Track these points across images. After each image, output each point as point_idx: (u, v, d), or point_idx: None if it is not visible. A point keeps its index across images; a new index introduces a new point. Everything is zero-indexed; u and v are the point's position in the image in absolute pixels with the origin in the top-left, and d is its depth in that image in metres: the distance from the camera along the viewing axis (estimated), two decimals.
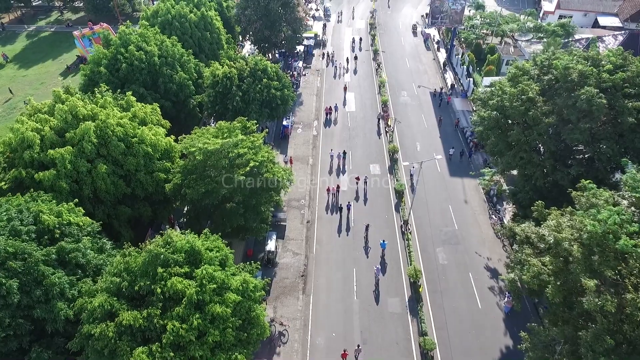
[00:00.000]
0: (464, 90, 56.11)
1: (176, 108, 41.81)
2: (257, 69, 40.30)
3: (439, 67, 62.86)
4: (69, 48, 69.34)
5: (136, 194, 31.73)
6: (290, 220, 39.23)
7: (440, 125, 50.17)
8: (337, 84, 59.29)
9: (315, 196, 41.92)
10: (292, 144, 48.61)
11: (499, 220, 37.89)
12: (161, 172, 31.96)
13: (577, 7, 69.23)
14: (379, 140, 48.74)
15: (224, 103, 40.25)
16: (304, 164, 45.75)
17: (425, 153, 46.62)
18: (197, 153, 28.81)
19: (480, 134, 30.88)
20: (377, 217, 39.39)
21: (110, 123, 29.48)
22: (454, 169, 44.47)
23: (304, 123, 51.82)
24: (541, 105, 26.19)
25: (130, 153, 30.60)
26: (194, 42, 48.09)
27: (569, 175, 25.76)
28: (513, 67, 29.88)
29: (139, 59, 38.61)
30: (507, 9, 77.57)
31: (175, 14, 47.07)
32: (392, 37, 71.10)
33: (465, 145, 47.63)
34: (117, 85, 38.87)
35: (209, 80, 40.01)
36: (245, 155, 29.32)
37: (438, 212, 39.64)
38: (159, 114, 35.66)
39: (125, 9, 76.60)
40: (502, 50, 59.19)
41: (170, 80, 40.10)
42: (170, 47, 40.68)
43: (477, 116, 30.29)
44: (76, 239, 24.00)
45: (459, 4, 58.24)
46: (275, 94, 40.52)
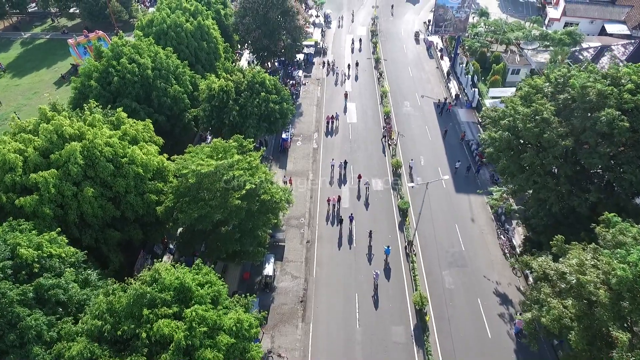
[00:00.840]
0: (469, 100, 54.45)
1: (171, 122, 40.18)
2: (255, 81, 38.66)
3: (443, 76, 61.23)
4: (64, 56, 67.75)
5: (126, 217, 30.04)
6: (289, 240, 37.51)
7: (445, 138, 48.44)
8: (338, 93, 57.64)
9: (316, 214, 40.20)
10: (292, 158, 46.93)
11: (507, 242, 36.12)
12: (153, 193, 30.27)
13: (584, 15, 67.59)
14: (382, 154, 47.02)
15: (220, 117, 38.60)
16: (304, 178, 44.05)
17: (429, 168, 44.95)
18: (190, 175, 27.12)
19: (490, 155, 29.16)
20: (379, 235, 37.64)
21: (98, 143, 27.80)
22: (459, 184, 42.74)
23: (303, 135, 50.15)
24: (556, 126, 24.51)
25: (119, 174, 28.91)
26: (190, 52, 46.48)
27: (587, 202, 24.07)
28: (526, 85, 28.17)
29: (131, 72, 36.97)
30: (512, 15, 75.99)
31: (170, 23, 45.48)
32: (394, 45, 69.48)
33: (471, 159, 45.93)
34: (108, 100, 37.28)
35: (205, 94, 38.36)
36: (241, 177, 27.62)
37: (444, 232, 37.90)
38: (151, 131, 33.99)
39: (122, 16, 75.06)
40: (507, 59, 57.56)
41: (164, 94, 38.47)
42: (164, 59, 39.06)
43: (487, 136, 28.56)
44: (58, 273, 22.28)
45: (463, 12, 56.65)
46: (274, 107, 38.88)
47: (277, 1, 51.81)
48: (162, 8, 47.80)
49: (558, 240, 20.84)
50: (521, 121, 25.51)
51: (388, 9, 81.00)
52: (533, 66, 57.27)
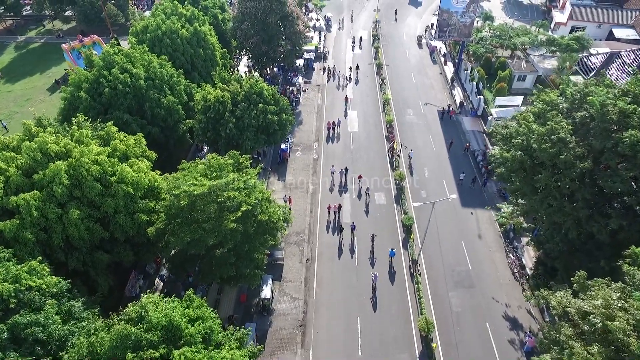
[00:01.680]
0: (474, 108, 52.78)
1: (165, 134, 38.54)
2: (253, 92, 37.01)
3: (447, 83, 59.58)
4: (59, 61, 66.05)
5: (116, 238, 28.42)
6: (288, 259, 35.88)
7: (450, 149, 46.74)
8: (339, 100, 55.96)
9: (316, 230, 38.56)
10: (291, 169, 45.29)
11: (517, 261, 34.45)
12: (144, 213, 28.62)
13: (591, 19, 65.95)
14: (384, 165, 45.36)
15: (216, 129, 36.97)
16: (304, 191, 42.42)
17: (434, 180, 43.30)
18: (182, 197, 25.48)
19: (501, 175, 27.46)
20: (382, 252, 36.00)
21: (85, 162, 26.18)
22: (465, 198, 41.06)
23: (303, 145, 48.50)
24: (574, 146, 22.88)
25: (108, 194, 27.31)
26: (186, 60, 44.83)
27: (607, 228, 22.45)
28: (539, 101, 26.47)
29: (123, 82, 35.34)
30: (516, 19, 74.31)
31: (165, 29, 43.84)
32: (397, 50, 67.82)
33: (477, 171, 44.27)
34: (99, 111, 35.66)
35: (200, 105, 36.73)
36: (237, 198, 25.98)
37: (450, 249, 36.26)
38: (143, 145, 32.37)
39: (118, 20, 73.43)
40: (513, 65, 55.88)
41: (158, 105, 36.84)
42: (158, 68, 37.41)
43: (498, 155, 26.85)
44: (37, 307, 20.67)
45: (468, 17, 54.99)
46: (272, 119, 37.25)
47: (276, 6, 50.17)
48: (157, 14, 46.22)
49: (580, 277, 19.19)
50: (536, 141, 23.84)
51: (389, 12, 79.33)
52: (540, 73, 55.62)
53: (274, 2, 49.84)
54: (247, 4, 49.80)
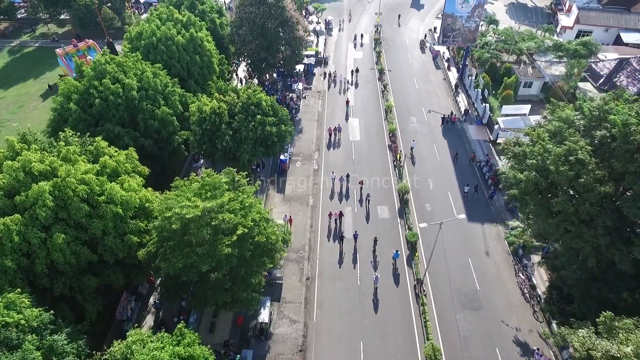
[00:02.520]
0: (479, 116, 51.19)
1: (159, 146, 36.97)
2: (250, 103, 35.42)
3: (450, 89, 57.99)
4: (53, 66, 64.40)
5: (105, 260, 26.88)
6: (288, 277, 34.31)
7: (456, 161, 45.10)
8: (341, 107, 54.41)
9: (316, 246, 36.99)
10: (290, 180, 43.70)
11: (527, 280, 32.85)
12: (134, 234, 27.08)
13: (598, 22, 64.34)
14: (388, 177, 43.75)
15: (212, 142, 35.41)
16: (304, 205, 40.84)
17: (439, 192, 41.72)
18: (173, 220, 23.92)
19: (513, 196, 25.82)
20: (386, 272, 34.46)
21: (71, 182, 24.61)
22: (471, 212, 39.46)
23: (303, 155, 46.92)
24: (593, 168, 21.33)
25: (96, 215, 25.76)
26: (182, 67, 43.29)
27: (629, 256, 20.91)
28: (556, 119, 24.80)
29: (114, 93, 33.77)
30: (521, 23, 72.71)
31: (160, 36, 42.26)
32: (399, 54, 66.22)
33: (483, 182, 42.69)
34: (89, 123, 34.11)
35: (195, 117, 35.16)
36: (232, 220, 24.41)
37: (456, 268, 34.68)
38: (135, 160, 30.86)
39: (115, 23, 71.91)
40: (519, 71, 54.27)
41: (151, 116, 35.27)
42: (152, 78, 35.83)
43: (511, 176, 25.15)
44: (15, 345, 19.11)
45: (472, 22, 53.41)
46: (271, 130, 35.68)
47: (275, 11, 48.61)
48: (151, 19, 44.61)
49: (607, 317, 17.64)
50: (552, 162, 22.25)
51: (391, 15, 77.72)
52: (547, 79, 54.02)
53: (273, 7, 48.29)
54: (246, 9, 48.24)
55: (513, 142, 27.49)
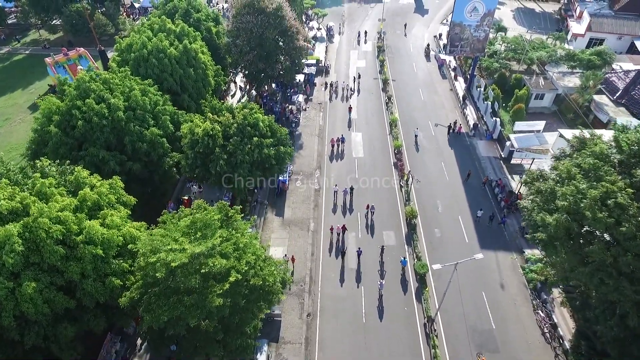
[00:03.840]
0: (489, 131, 48.54)
1: (149, 168, 34.38)
2: (247, 123, 32.78)
3: (458, 100, 55.32)
4: (43, 75, 61.74)
5: (84, 305, 24.27)
6: (286, 313, 31.70)
7: (467, 180, 42.44)
8: (343, 119, 51.84)
9: (318, 277, 34.37)
10: (290, 202, 41.07)
11: (547, 318, 30.21)
12: (117, 275, 24.46)
13: (611, 30, 61.65)
14: (394, 198, 41.11)
15: (205, 165, 32.78)
16: (304, 229, 38.20)
17: (448, 215, 39.10)
18: (158, 266, 21.30)
19: (541, 241, 23.11)
20: (391, 308, 31.85)
21: (44, 222, 21.98)
22: (484, 238, 36.87)
23: (304, 173, 44.27)
24: (636, 213, 18.77)
25: (73, 257, 23.17)
26: (174, 81, 40.66)
27: None
28: (589, 156, 22.06)
29: (99, 114, 31.15)
30: (531, 31, 70.15)
31: (152, 48, 39.61)
32: (403, 63, 63.55)
33: (496, 204, 40.06)
34: (72, 147, 31.52)
35: (187, 139, 32.53)
36: (224, 265, 21.79)
37: (469, 303, 32.05)
38: (119, 189, 28.24)
39: (108, 30, 69.20)
40: (531, 82, 51.62)
41: (140, 138, 32.64)
42: (140, 97, 33.19)
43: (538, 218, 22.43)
44: None
45: (482, 31, 50.75)
46: (269, 152, 33.03)
47: (274, 20, 45.97)
48: (142, 30, 41.96)
49: None
50: (588, 207, 19.63)
51: (394, 20, 75.07)
52: (560, 91, 51.39)
53: (271, 16, 45.66)
54: (243, 18, 45.60)
55: (537, 175, 24.86)
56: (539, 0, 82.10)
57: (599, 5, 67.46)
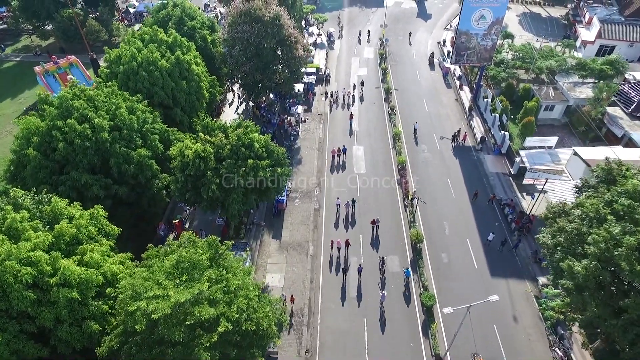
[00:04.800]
0: (497, 145, 46.28)
1: (136, 191, 32.17)
2: (241, 144, 30.51)
3: (464, 112, 53.07)
4: (33, 83, 59.49)
5: (59, 353, 22.05)
6: (283, 350, 29.43)
7: (475, 200, 40.17)
8: (344, 131, 49.62)
9: (317, 307, 32.11)
10: (288, 223, 38.82)
11: (565, 357, 27.94)
12: (95, 319, 22.23)
13: (622, 37, 59.36)
14: (398, 219, 38.86)
15: (196, 189, 30.54)
16: (302, 254, 35.95)
17: (455, 238, 36.86)
18: (138, 316, 19.08)
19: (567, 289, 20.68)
20: (397, 344, 29.60)
21: (11, 266, 19.77)
22: (494, 264, 34.62)
23: (302, 191, 42.02)
24: None
25: (46, 301, 20.95)
26: (166, 94, 38.50)
27: None
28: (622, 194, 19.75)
29: (82, 135, 28.90)
30: (537, 35, 67.93)
31: (141, 60, 37.42)
32: (406, 71, 61.31)
33: (506, 225, 37.79)
34: (52, 170, 29.28)
35: (177, 162, 30.29)
36: (213, 314, 19.55)
37: (480, 337, 29.77)
38: (102, 219, 26.02)
39: (101, 36, 66.93)
40: (541, 94, 49.35)
41: (126, 160, 30.40)
42: (127, 115, 30.95)
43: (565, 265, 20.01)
44: None
45: (489, 40, 48.50)
46: (265, 175, 30.78)
47: (272, 30, 43.70)
48: (132, 41, 39.73)
49: None
50: (624, 258, 17.37)
51: (397, 26, 72.85)
52: (570, 102, 49.15)
53: (269, 25, 43.40)
54: (239, 27, 43.34)
55: (559, 210, 22.57)
56: (545, 5, 79.86)
57: (609, 11, 65.31)
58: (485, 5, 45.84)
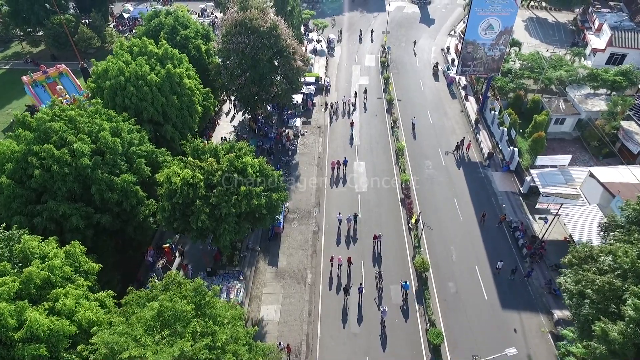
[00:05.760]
0: (506, 161, 43.95)
1: (121, 218, 29.93)
2: (233, 169, 28.24)
3: (470, 124, 50.76)
4: (22, 93, 57.30)
5: None
6: None
7: (483, 222, 37.89)
8: (344, 145, 47.35)
9: (316, 343, 29.83)
10: (285, 247, 36.54)
11: None
12: None
13: (634, 45, 56.86)
14: (401, 244, 36.57)
15: (185, 217, 28.27)
16: (300, 283, 33.66)
17: (463, 266, 34.55)
18: None
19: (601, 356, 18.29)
20: None
21: None
22: (505, 294, 32.33)
23: (300, 211, 39.72)
24: None
25: (9, 358, 18.68)
26: (156, 110, 36.29)
27: None
28: None
29: (60, 161, 26.65)
30: (544, 42, 65.65)
31: (129, 75, 35.18)
32: (409, 80, 59.00)
33: (517, 252, 35.49)
34: (28, 199, 27.04)
35: (164, 189, 28.01)
36: None
37: None
38: (80, 256, 23.75)
39: (94, 43, 64.63)
40: (551, 107, 47.03)
41: (109, 187, 28.15)
42: (110, 138, 28.66)
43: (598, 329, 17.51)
44: None
45: (497, 50, 46.19)
46: (260, 202, 28.50)
47: (269, 41, 41.42)
48: (119, 54, 37.48)
49: None
50: None
51: (399, 32, 70.51)
52: (582, 116, 46.81)
53: (265, 36, 41.11)
54: (233, 38, 41.02)
55: (585, 256, 20.19)
56: (552, 10, 77.43)
57: (619, 17, 62.95)
58: (494, 15, 43.53)
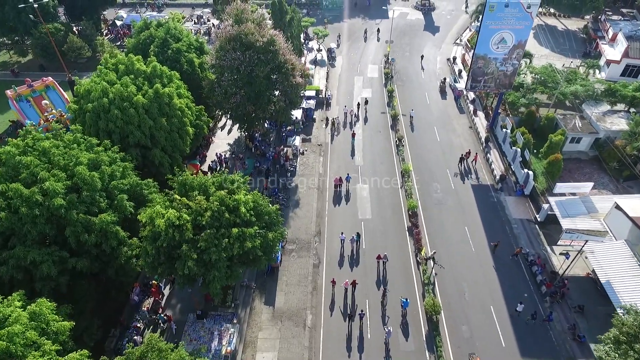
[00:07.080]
0: (520, 185, 41.02)
1: (101, 260, 27.04)
2: (224, 209, 25.32)
3: (479, 141, 47.86)
4: (7, 107, 54.35)
5: None
6: None
7: (495, 251, 35.07)
8: (346, 165, 44.42)
9: None
10: (282, 284, 33.62)
11: None
12: None
13: None
14: (410, 280, 33.67)
15: (171, 260, 25.38)
16: (299, 325, 30.74)
17: (478, 306, 31.66)
18: None
19: None
20: None
21: None
22: (524, 340, 29.42)
23: (299, 241, 36.82)
24: None
25: None
26: (143, 134, 33.45)
27: None
28: None
29: (30, 202, 23.77)
30: (554, 51, 62.87)
31: (114, 96, 32.32)
32: (414, 93, 56.08)
33: (535, 289, 32.61)
34: None
35: (147, 231, 25.12)
36: None
37: None
38: (48, 314, 20.88)
39: (84, 53, 61.77)
40: (567, 124, 44.15)
41: (86, 228, 25.24)
42: (87, 173, 25.75)
43: None
44: None
45: (510, 65, 43.27)
46: (254, 244, 25.60)
47: (266, 56, 38.53)
48: (104, 72, 34.60)
49: None
50: None
51: (403, 40, 67.60)
52: (600, 135, 43.92)
53: (262, 51, 38.23)
54: (228, 54, 38.14)
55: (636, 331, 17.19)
56: (561, 17, 74.56)
57: (634, 26, 60.00)
58: (507, 28, 40.62)
